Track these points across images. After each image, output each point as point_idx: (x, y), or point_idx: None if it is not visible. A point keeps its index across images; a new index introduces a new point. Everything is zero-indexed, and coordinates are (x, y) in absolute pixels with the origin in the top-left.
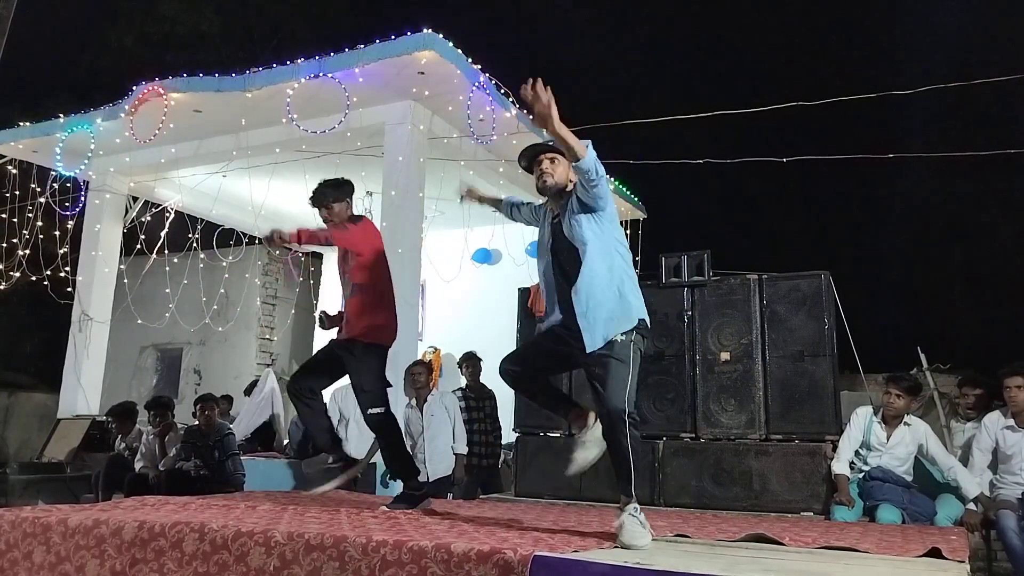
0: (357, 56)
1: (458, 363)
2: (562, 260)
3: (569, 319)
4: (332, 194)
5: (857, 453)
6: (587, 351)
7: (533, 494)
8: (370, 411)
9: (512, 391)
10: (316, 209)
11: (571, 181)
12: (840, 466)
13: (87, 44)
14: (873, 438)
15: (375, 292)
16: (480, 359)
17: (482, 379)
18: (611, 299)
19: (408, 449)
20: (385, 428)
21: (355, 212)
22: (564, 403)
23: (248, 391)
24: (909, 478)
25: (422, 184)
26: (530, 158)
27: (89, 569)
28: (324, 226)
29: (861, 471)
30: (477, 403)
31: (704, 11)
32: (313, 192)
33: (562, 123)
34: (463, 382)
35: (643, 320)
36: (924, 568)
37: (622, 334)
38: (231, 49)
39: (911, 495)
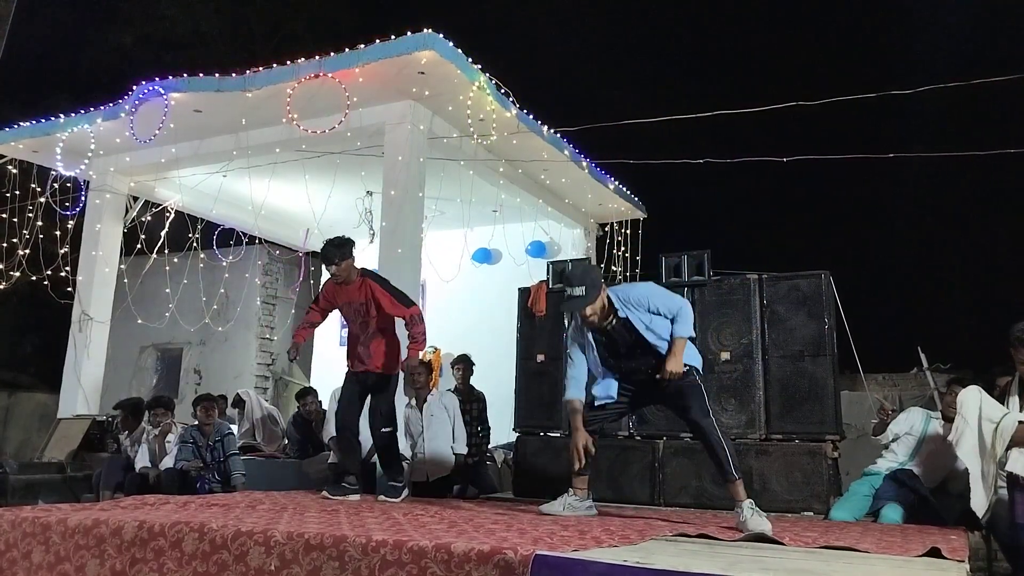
0: (357, 56)
1: (451, 364)
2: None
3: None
4: (338, 252)
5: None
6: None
7: (533, 494)
8: (383, 430)
9: (510, 393)
10: (325, 265)
11: (604, 306)
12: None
13: (87, 44)
14: (931, 433)
15: (391, 332)
16: (472, 362)
17: (479, 381)
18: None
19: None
20: (391, 443)
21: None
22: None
23: (236, 403)
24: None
25: (422, 184)
26: (570, 313)
27: (89, 569)
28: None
29: (899, 462)
30: (465, 404)
31: (705, 11)
32: (321, 252)
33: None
34: (453, 383)
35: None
36: (924, 568)
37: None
38: (231, 49)
39: (924, 504)
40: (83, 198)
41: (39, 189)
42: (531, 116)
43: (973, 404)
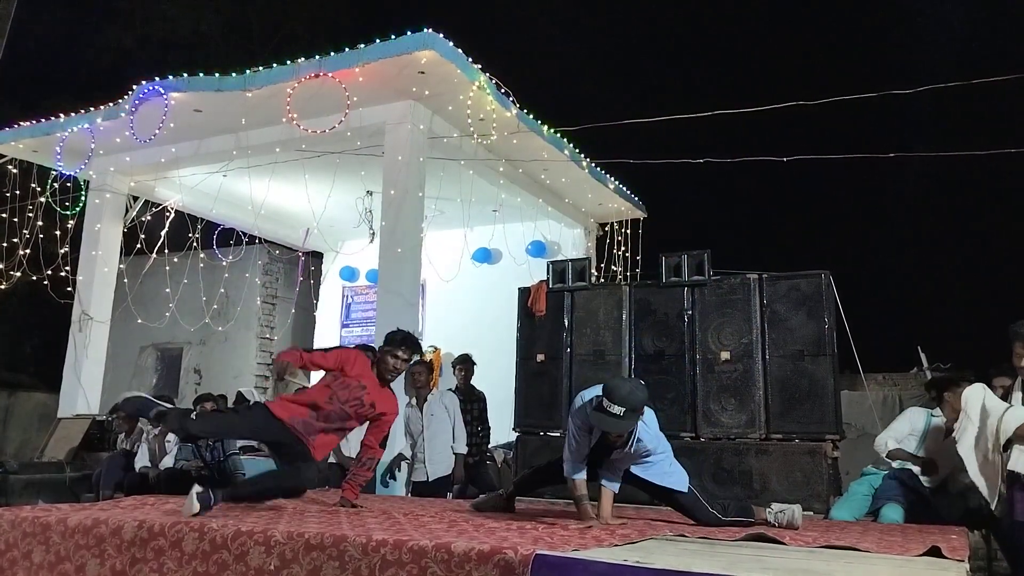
0: (357, 56)
1: (452, 363)
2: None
3: None
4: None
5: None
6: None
7: (533, 494)
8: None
9: (510, 393)
10: (409, 355)
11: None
12: (891, 442)
13: (87, 44)
14: (932, 433)
15: (343, 434)
16: (474, 362)
17: (479, 381)
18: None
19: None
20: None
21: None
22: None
23: (239, 401)
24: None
25: (422, 184)
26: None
27: (89, 568)
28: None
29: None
30: (465, 404)
31: (705, 11)
32: (413, 343)
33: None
34: (454, 382)
35: None
36: (924, 567)
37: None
38: (231, 49)
39: (924, 503)
40: (83, 198)
41: (39, 189)
42: (531, 116)
43: (976, 402)
